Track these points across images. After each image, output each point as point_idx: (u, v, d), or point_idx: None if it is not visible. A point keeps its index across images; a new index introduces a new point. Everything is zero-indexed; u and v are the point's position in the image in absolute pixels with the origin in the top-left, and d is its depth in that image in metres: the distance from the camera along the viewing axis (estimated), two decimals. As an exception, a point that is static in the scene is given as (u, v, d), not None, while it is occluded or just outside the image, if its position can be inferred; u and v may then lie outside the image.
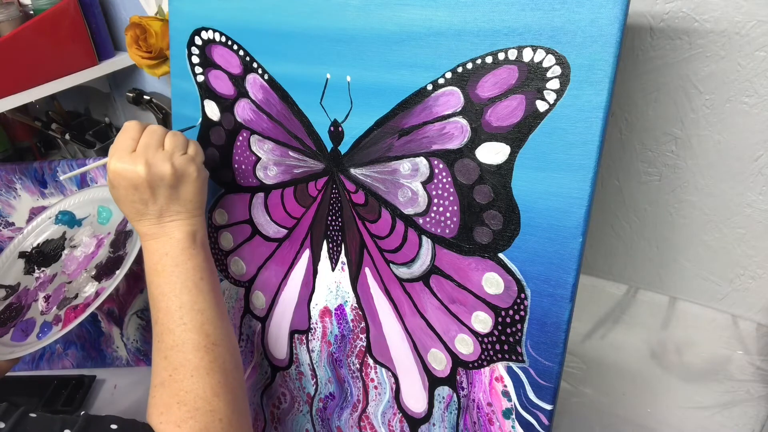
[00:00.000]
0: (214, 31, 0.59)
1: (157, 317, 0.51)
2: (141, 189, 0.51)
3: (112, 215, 0.78)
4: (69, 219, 0.79)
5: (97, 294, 0.71)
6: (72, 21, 0.80)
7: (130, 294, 0.86)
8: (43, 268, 0.77)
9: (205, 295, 0.52)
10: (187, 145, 0.54)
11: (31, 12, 0.80)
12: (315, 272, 0.60)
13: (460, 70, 0.45)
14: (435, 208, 0.50)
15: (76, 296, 0.72)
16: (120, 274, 0.67)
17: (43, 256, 0.77)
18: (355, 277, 0.57)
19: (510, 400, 0.50)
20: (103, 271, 0.73)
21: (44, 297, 0.73)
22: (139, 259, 0.59)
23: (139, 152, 0.51)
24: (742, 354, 0.62)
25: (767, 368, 0.61)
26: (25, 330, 0.71)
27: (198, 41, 0.60)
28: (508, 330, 0.48)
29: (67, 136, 0.96)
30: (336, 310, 0.60)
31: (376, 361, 0.59)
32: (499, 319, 0.48)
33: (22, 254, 0.78)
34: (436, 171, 0.49)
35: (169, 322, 0.50)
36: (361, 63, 0.50)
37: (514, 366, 0.49)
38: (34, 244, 0.78)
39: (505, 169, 0.45)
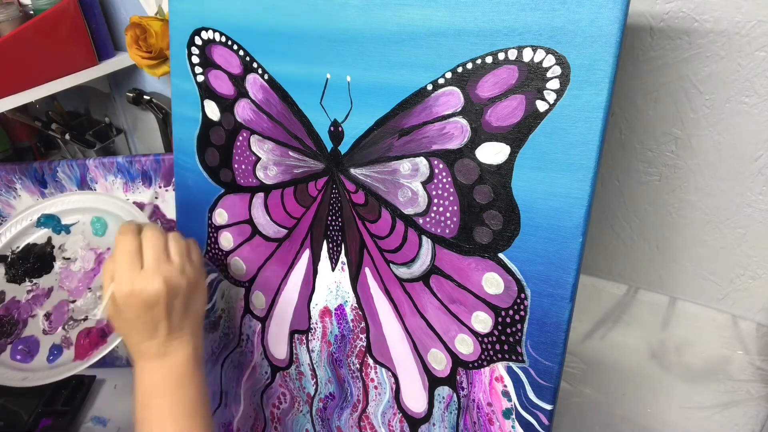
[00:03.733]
0: (214, 31, 0.59)
1: None
2: (156, 308, 0.47)
3: (107, 226, 0.75)
4: (54, 224, 0.76)
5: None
6: (72, 21, 0.80)
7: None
8: (34, 280, 0.74)
9: (203, 420, 0.49)
10: (189, 248, 0.52)
11: (31, 12, 0.80)
12: (315, 272, 0.60)
13: (460, 70, 0.45)
14: (435, 208, 0.50)
15: (86, 318, 0.71)
16: None
17: (29, 263, 0.74)
18: (355, 277, 0.57)
19: (510, 400, 0.50)
20: None
21: (44, 315, 0.71)
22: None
23: (150, 269, 0.47)
24: (742, 354, 0.62)
25: (767, 368, 0.61)
26: (28, 350, 0.69)
27: (198, 41, 0.60)
28: (508, 330, 0.48)
29: (67, 136, 0.96)
30: (336, 310, 0.60)
31: (376, 361, 0.59)
32: (499, 319, 0.49)
33: (1, 258, 0.74)
34: (436, 171, 0.49)
35: None
36: (361, 63, 0.50)
37: (514, 366, 0.49)
38: (14, 248, 0.75)
39: (505, 169, 0.45)
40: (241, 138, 0.60)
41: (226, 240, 0.66)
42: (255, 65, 0.57)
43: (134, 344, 0.49)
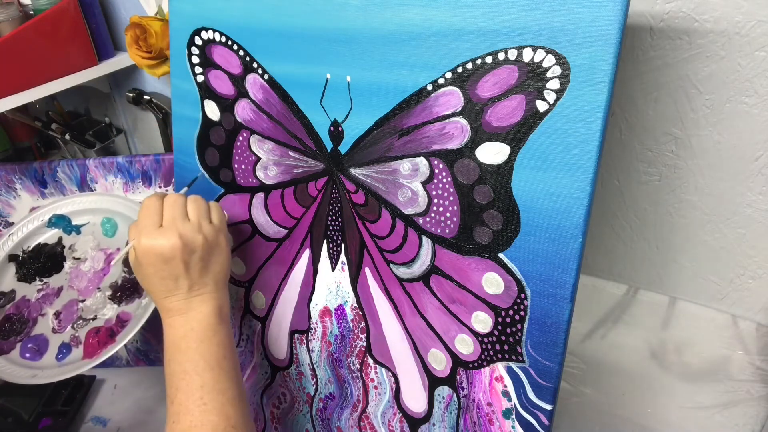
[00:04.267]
0: (214, 31, 0.59)
1: (174, 397, 0.49)
2: (173, 263, 0.49)
3: (118, 228, 0.76)
4: (65, 224, 0.77)
5: (119, 318, 0.70)
6: (72, 21, 0.80)
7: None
8: (44, 279, 0.75)
9: (228, 373, 0.50)
10: (209, 210, 0.54)
11: (31, 12, 0.80)
12: (315, 272, 0.60)
13: (460, 70, 0.45)
14: (435, 208, 0.50)
15: (95, 318, 0.71)
16: (145, 314, 0.66)
17: (40, 263, 0.75)
18: (355, 277, 0.57)
19: (510, 400, 0.50)
20: (122, 293, 0.72)
21: (54, 313, 0.72)
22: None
23: (168, 225, 0.50)
24: (742, 354, 0.62)
25: (767, 368, 0.61)
26: (37, 348, 0.69)
27: (198, 41, 0.60)
28: (508, 330, 0.48)
29: (67, 136, 0.96)
30: (336, 310, 0.60)
31: (376, 361, 0.59)
32: (499, 319, 0.49)
33: (12, 257, 0.75)
34: (436, 171, 0.49)
35: (188, 402, 0.48)
36: (361, 63, 0.50)
37: (514, 366, 0.49)
38: (26, 248, 0.76)
39: (505, 169, 0.45)
40: (241, 138, 0.60)
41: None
42: (255, 65, 0.57)
43: (159, 300, 0.52)
